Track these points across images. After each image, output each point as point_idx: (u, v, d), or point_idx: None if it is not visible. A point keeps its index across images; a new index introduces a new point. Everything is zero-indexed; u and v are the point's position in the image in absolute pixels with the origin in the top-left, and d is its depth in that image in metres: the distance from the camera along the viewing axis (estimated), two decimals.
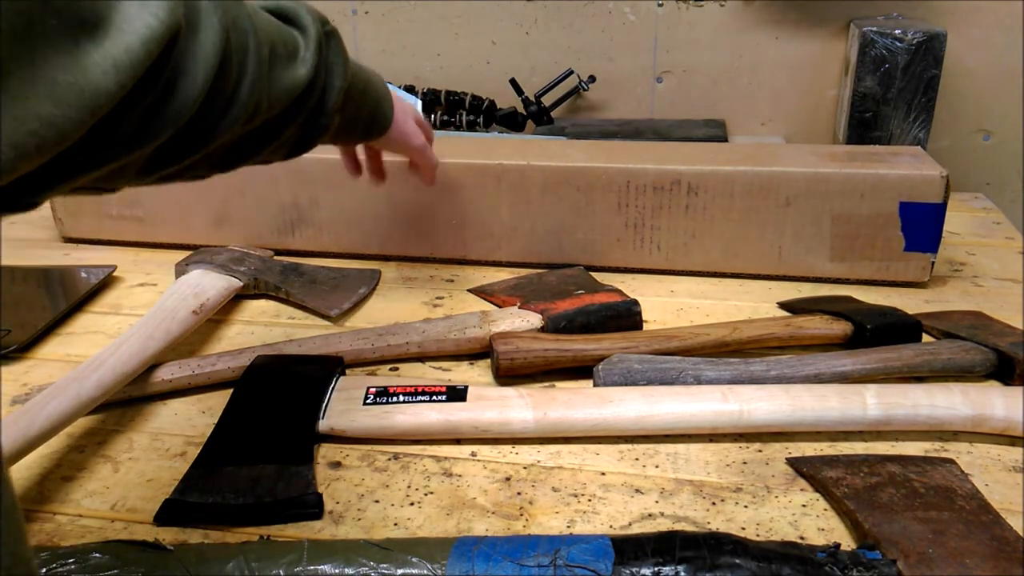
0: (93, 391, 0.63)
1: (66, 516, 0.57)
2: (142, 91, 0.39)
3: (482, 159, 0.92)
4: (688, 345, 0.73)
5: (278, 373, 0.70)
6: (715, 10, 1.28)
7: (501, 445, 0.64)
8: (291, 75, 0.53)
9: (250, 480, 0.58)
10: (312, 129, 0.60)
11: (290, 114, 0.55)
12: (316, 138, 0.61)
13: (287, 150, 0.60)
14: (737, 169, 0.88)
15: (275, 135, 0.56)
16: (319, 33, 0.56)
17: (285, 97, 0.53)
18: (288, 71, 0.53)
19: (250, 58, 0.47)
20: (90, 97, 0.35)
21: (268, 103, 0.50)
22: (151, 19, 0.38)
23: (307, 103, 0.56)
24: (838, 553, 0.47)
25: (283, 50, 0.53)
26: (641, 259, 0.94)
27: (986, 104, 1.26)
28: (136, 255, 1.03)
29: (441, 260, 0.99)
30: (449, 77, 1.39)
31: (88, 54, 0.35)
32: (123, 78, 0.36)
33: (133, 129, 0.40)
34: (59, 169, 0.37)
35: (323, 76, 0.57)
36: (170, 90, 0.41)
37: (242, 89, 0.47)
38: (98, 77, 0.35)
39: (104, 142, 0.39)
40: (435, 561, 0.47)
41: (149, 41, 0.37)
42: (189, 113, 0.43)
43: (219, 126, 0.47)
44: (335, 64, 0.59)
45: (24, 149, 0.32)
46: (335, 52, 0.59)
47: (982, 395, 0.64)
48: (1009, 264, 0.96)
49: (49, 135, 0.33)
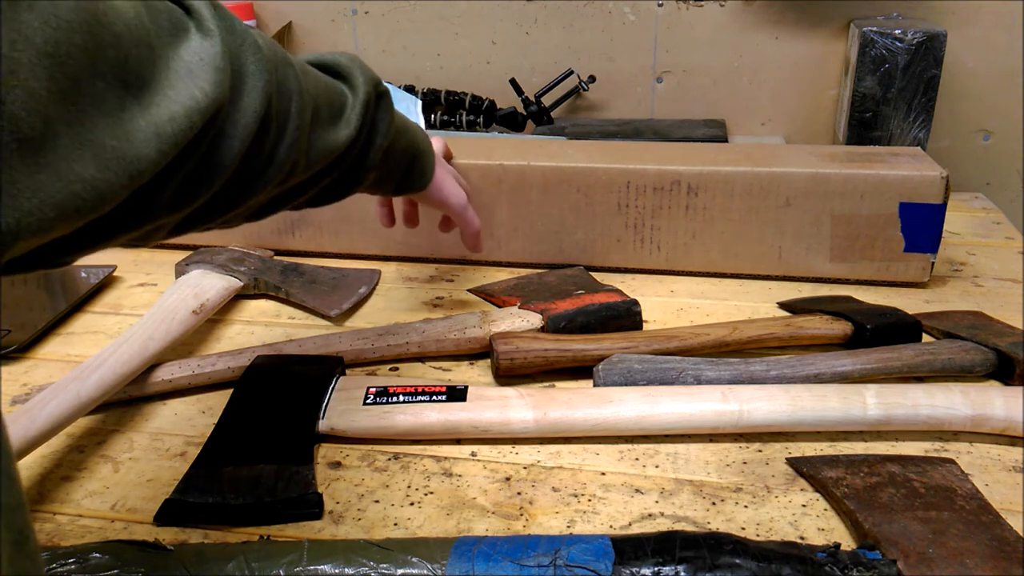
0: (93, 391, 0.63)
1: (66, 516, 0.57)
2: (183, 158, 0.38)
3: (482, 159, 0.92)
4: (688, 345, 0.73)
5: (278, 373, 0.70)
6: (715, 10, 1.28)
7: (501, 445, 0.64)
8: (333, 136, 0.53)
9: (250, 480, 0.58)
10: (347, 183, 0.60)
11: (327, 171, 0.55)
12: (350, 191, 0.61)
13: (317, 199, 0.60)
14: (737, 169, 0.88)
15: (309, 188, 0.55)
16: (369, 94, 0.56)
17: (324, 158, 0.52)
18: (330, 132, 0.53)
19: (291, 122, 0.47)
20: (131, 163, 0.34)
21: (306, 163, 0.50)
22: (198, 92, 0.37)
23: (346, 160, 0.56)
24: (838, 553, 0.47)
25: (327, 111, 0.52)
26: (641, 259, 0.94)
27: (986, 104, 1.26)
28: (136, 255, 1.03)
29: (441, 260, 0.99)
30: (449, 77, 1.39)
31: (133, 119, 0.34)
32: (165, 146, 0.36)
33: (172, 194, 0.40)
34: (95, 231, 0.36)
35: (365, 135, 0.57)
36: (208, 156, 0.41)
37: (280, 151, 0.47)
38: (140, 144, 0.34)
39: (142, 206, 0.38)
40: (435, 561, 0.47)
41: (193, 113, 0.37)
42: (226, 176, 0.42)
43: (255, 187, 0.46)
44: (380, 122, 0.59)
45: (65, 211, 0.31)
46: (383, 111, 0.59)
47: (982, 395, 0.64)
48: (1009, 264, 0.96)
49: (90, 198, 0.32)
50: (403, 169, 0.69)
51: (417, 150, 0.70)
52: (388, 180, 0.69)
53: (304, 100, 0.48)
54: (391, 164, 0.66)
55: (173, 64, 0.37)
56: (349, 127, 0.54)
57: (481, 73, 1.38)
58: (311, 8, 1.40)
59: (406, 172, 0.70)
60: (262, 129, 0.44)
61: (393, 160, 0.65)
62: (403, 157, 0.68)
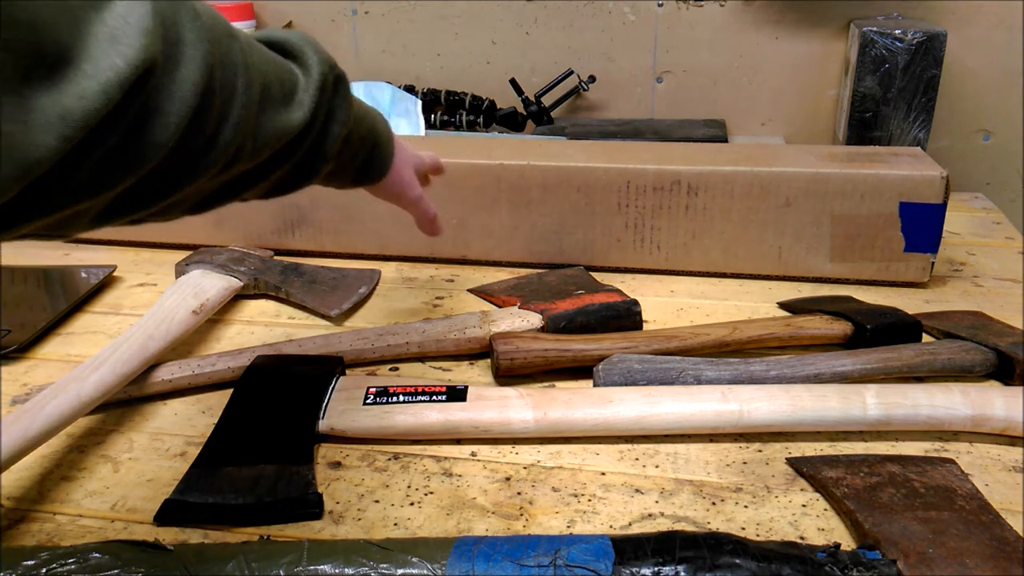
0: (93, 391, 0.63)
1: (66, 516, 0.57)
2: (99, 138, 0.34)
3: (482, 159, 0.92)
4: (688, 345, 0.73)
5: (278, 373, 0.70)
6: (715, 10, 1.28)
7: (501, 445, 0.64)
8: (284, 118, 0.48)
9: (250, 480, 0.58)
10: (302, 173, 0.55)
11: (279, 158, 0.50)
12: (304, 182, 0.57)
13: (269, 191, 0.55)
14: (737, 169, 0.88)
15: (260, 178, 0.51)
16: (324, 75, 0.52)
17: (274, 141, 0.48)
18: (281, 114, 0.48)
19: (237, 98, 0.42)
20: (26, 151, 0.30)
21: (253, 146, 0.46)
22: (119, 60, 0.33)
23: (299, 147, 0.52)
24: (838, 553, 0.47)
25: (278, 90, 0.48)
26: (641, 259, 0.94)
27: (986, 104, 1.26)
28: (136, 255, 1.03)
29: (441, 260, 0.99)
30: (449, 77, 1.39)
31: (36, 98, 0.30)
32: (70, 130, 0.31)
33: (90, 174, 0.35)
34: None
35: (321, 120, 0.53)
36: (136, 132, 0.36)
37: (224, 131, 0.42)
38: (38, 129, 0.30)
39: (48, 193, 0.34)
40: (435, 561, 0.47)
41: (111, 87, 0.32)
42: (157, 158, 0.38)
43: (194, 171, 0.42)
44: (338, 109, 0.55)
45: None
46: (340, 96, 0.55)
47: (982, 395, 0.64)
48: (1009, 264, 0.96)
49: None
50: (362, 159, 0.64)
51: (377, 139, 0.65)
52: (345, 171, 0.64)
53: (251, 76, 0.44)
54: (349, 154, 0.61)
55: (95, 29, 0.33)
56: (302, 109, 0.50)
57: (481, 73, 1.38)
58: (311, 8, 1.40)
59: (365, 163, 0.65)
60: (203, 105, 0.39)
61: (352, 149, 0.61)
62: (362, 146, 0.63)
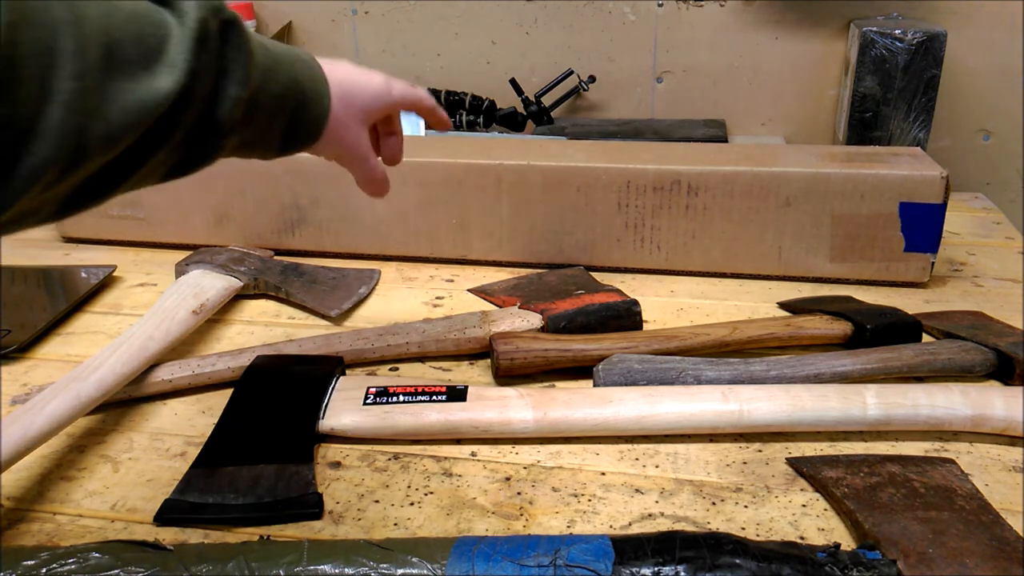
0: (93, 391, 0.63)
1: (66, 516, 0.57)
2: None
3: (482, 159, 0.92)
4: (688, 345, 0.73)
5: (278, 373, 0.70)
6: (715, 10, 1.28)
7: (501, 445, 0.64)
8: (147, 86, 0.37)
9: (250, 480, 0.58)
10: (194, 154, 0.44)
11: (153, 140, 0.39)
12: (204, 161, 0.45)
13: (161, 176, 0.44)
14: (737, 169, 0.87)
15: (132, 168, 0.40)
16: (204, 22, 0.39)
17: (138, 121, 0.37)
18: (141, 81, 0.37)
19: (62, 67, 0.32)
20: None
21: (106, 130, 0.35)
22: None
23: (179, 122, 0.40)
24: (838, 553, 0.47)
25: (134, 50, 0.36)
26: (641, 259, 0.94)
27: (986, 104, 1.25)
28: (136, 255, 1.03)
29: (441, 260, 0.99)
30: (449, 77, 1.39)
31: None
32: None
33: None
34: None
35: (207, 83, 0.41)
36: None
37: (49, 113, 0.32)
38: None
39: None
40: (435, 561, 0.47)
41: None
42: None
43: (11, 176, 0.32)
44: (232, 65, 0.42)
45: None
46: (234, 47, 0.42)
47: (982, 395, 0.64)
48: (1009, 264, 0.96)
49: None
50: (282, 124, 0.50)
51: (302, 95, 0.51)
52: (264, 140, 0.50)
53: (86, 34, 0.34)
54: (263, 119, 0.47)
55: None
56: (174, 72, 0.38)
57: (481, 73, 1.38)
58: (311, 8, 1.40)
59: (289, 127, 0.51)
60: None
61: (265, 114, 0.47)
62: (280, 108, 0.49)
